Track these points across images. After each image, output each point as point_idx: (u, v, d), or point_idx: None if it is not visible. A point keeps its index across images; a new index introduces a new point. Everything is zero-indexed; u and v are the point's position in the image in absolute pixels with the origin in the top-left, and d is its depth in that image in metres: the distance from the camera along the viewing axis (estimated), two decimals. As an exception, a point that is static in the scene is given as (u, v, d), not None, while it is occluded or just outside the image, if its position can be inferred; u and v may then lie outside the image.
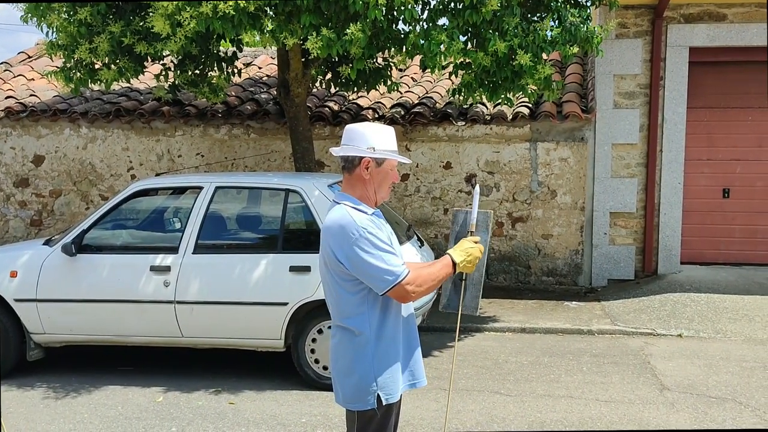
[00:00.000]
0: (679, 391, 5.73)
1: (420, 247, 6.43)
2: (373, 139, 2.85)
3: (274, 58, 11.27)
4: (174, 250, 5.93)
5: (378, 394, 2.84)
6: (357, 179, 2.89)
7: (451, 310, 3.22)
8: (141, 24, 6.61)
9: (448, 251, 3.03)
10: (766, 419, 5.15)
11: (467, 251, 2.97)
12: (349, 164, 2.88)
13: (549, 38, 6.72)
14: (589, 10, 7.29)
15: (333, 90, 9.28)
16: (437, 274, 2.89)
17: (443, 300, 3.24)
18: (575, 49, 6.88)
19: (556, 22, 6.94)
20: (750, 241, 9.28)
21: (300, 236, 6.10)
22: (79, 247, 6.00)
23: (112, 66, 7.12)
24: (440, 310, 3.29)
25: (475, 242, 3.02)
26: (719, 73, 9.14)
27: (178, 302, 5.79)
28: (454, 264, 2.96)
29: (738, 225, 9.29)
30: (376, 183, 2.90)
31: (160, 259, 5.90)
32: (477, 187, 3.35)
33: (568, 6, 7.11)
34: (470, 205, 3.19)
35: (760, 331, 7.34)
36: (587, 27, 6.89)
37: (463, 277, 3.16)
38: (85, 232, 6.05)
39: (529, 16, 7.11)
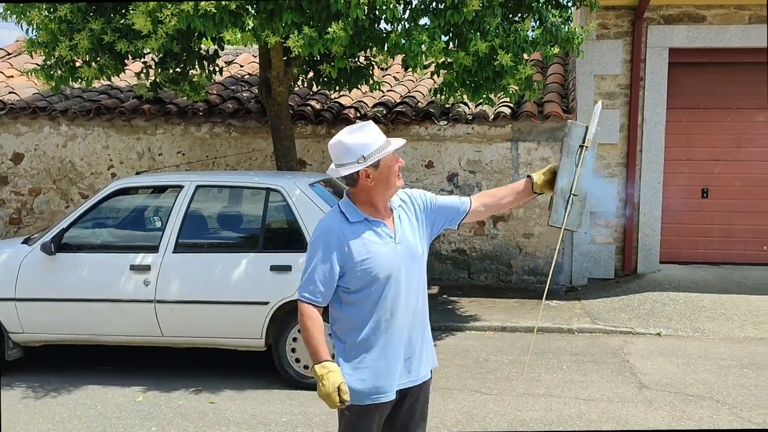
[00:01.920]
0: (657, 389, 5.78)
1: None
2: (361, 148, 2.82)
3: (255, 56, 11.23)
4: (154, 249, 5.90)
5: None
6: (362, 189, 2.90)
7: (557, 225, 3.19)
8: (122, 21, 6.58)
9: (532, 174, 3.14)
10: (742, 417, 5.21)
11: (322, 390, 2.83)
12: (351, 180, 2.88)
13: (530, 39, 6.75)
14: (570, 11, 7.33)
15: (315, 89, 9.28)
16: (311, 333, 2.84)
17: (552, 215, 3.19)
18: (556, 50, 6.93)
19: (537, 22, 6.98)
20: (728, 241, 9.38)
21: (281, 235, 6.09)
22: (59, 245, 5.96)
23: (93, 64, 7.08)
24: (548, 224, 3.25)
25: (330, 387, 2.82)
26: (698, 74, 9.23)
27: (158, 301, 5.77)
28: (533, 184, 3.11)
29: (716, 224, 9.38)
30: (382, 184, 2.89)
31: (140, 258, 5.88)
32: (600, 103, 3.37)
33: (549, 7, 7.14)
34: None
35: (738, 330, 7.42)
36: (568, 28, 6.93)
37: (574, 192, 3.14)
38: (64, 230, 6.01)
39: (510, 16, 7.14)
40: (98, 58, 6.97)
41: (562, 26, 6.93)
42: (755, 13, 8.79)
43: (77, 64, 7.21)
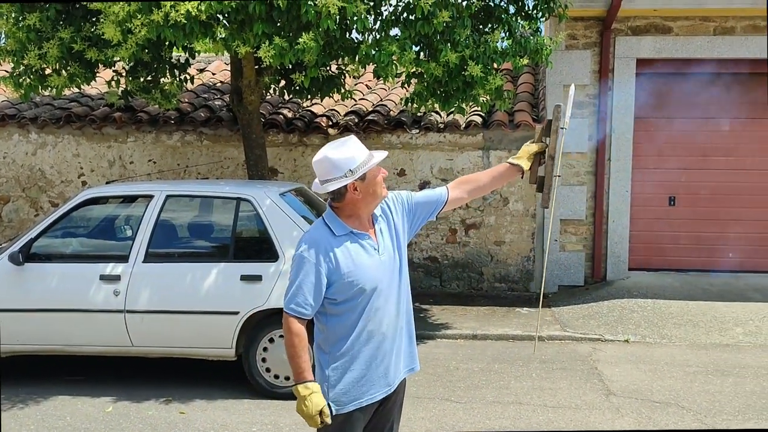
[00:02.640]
0: (624, 396, 5.86)
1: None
2: (347, 162, 2.86)
3: (228, 64, 11.21)
4: (124, 258, 5.88)
5: (329, 403, 2.91)
6: (348, 202, 2.94)
7: (549, 206, 3.30)
8: (92, 30, 6.55)
9: (517, 161, 3.22)
10: (706, 423, 5.30)
11: (303, 410, 2.87)
12: (338, 195, 2.92)
13: (500, 50, 6.84)
14: (539, 23, 7.43)
15: (287, 97, 9.30)
16: (297, 351, 2.86)
17: (549, 197, 3.28)
18: (525, 61, 7.03)
19: (507, 33, 7.07)
20: (695, 248, 9.52)
21: (251, 245, 6.11)
22: (27, 256, 5.91)
23: (62, 72, 7.05)
24: (544, 207, 3.37)
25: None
26: (666, 84, 9.37)
27: (128, 311, 5.75)
28: (523, 172, 3.22)
29: (683, 232, 9.52)
30: (369, 196, 2.94)
31: (110, 268, 5.85)
32: (573, 86, 3.50)
33: (518, 18, 7.24)
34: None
35: (703, 336, 7.55)
36: (537, 39, 7.03)
37: (558, 173, 3.23)
38: (33, 240, 5.97)
39: (480, 27, 7.21)
40: (68, 67, 6.94)
41: (531, 37, 7.03)
42: (720, 24, 8.97)
43: (47, 72, 7.17)
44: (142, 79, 7.84)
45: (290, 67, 7.81)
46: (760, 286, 8.90)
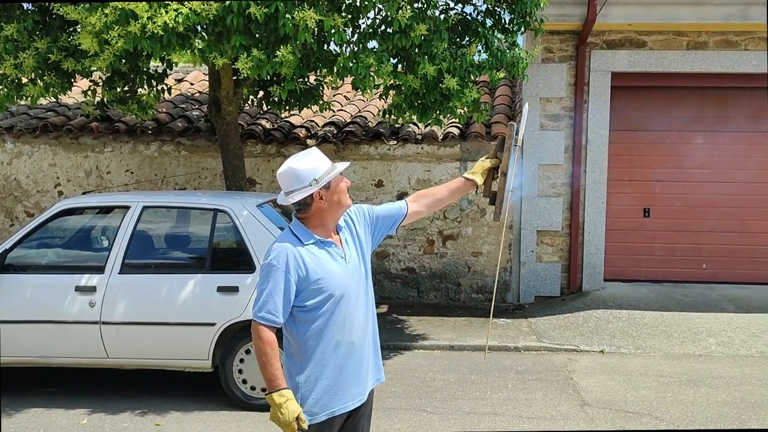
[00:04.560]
0: (599, 407, 5.92)
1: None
2: (311, 172, 2.93)
3: (206, 74, 11.21)
4: (100, 269, 5.86)
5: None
6: (315, 212, 3.00)
7: (501, 220, 3.40)
8: (68, 41, 6.53)
9: (472, 177, 3.33)
10: (679, 433, 5.37)
11: (280, 418, 2.88)
12: (304, 205, 2.98)
13: (476, 63, 6.90)
14: (515, 36, 7.51)
15: (265, 108, 9.31)
16: (270, 359, 2.87)
17: (501, 212, 3.37)
18: (502, 74, 7.10)
19: (484, 47, 7.13)
20: (669, 259, 9.63)
21: (228, 256, 6.10)
22: (2, 266, 5.88)
23: (39, 82, 7.01)
24: (496, 221, 3.43)
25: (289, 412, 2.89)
26: (640, 97, 9.50)
27: (104, 323, 5.72)
28: (477, 187, 3.34)
29: (658, 243, 9.64)
30: (334, 204, 3.01)
31: (85, 279, 5.83)
32: (527, 105, 3.65)
33: (495, 32, 7.31)
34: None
35: (677, 347, 7.63)
36: (513, 52, 7.10)
37: (511, 188, 3.33)
38: (7, 251, 5.94)
39: (457, 40, 7.27)
40: (44, 77, 6.91)
41: (508, 51, 7.10)
42: (693, 39, 9.10)
43: (23, 82, 7.13)
44: (119, 90, 7.81)
45: (268, 78, 7.83)
46: (733, 297, 9.02)
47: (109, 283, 5.79)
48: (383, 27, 6.67)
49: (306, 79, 8.02)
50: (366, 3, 6.10)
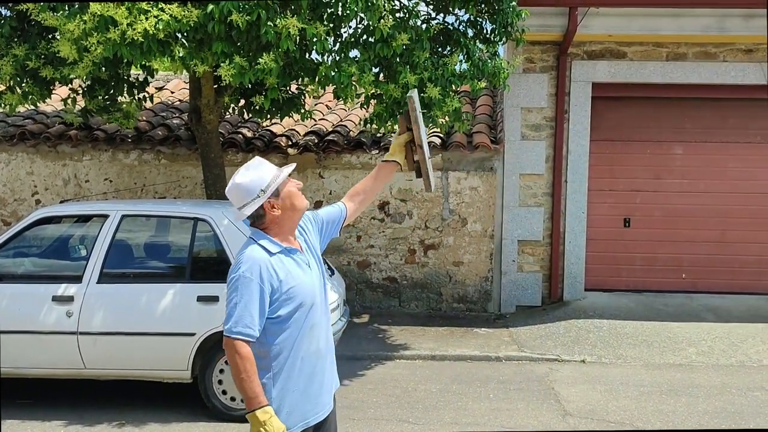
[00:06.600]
0: (580, 417, 5.91)
1: (330, 275, 6.46)
2: (256, 183, 2.89)
3: (187, 83, 11.16)
4: (78, 279, 5.79)
5: None
6: (271, 221, 2.95)
7: (433, 190, 3.41)
8: (47, 48, 6.47)
9: (393, 158, 3.30)
10: (660, 443, 5.37)
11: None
12: (258, 217, 2.94)
13: (458, 72, 6.91)
14: (497, 46, 7.53)
15: (246, 117, 9.27)
16: (250, 376, 2.80)
17: (431, 182, 3.35)
18: (483, 84, 7.12)
19: (465, 57, 7.15)
20: (649, 269, 9.67)
21: (209, 266, 6.05)
22: (-23, 276, 5.80)
23: (17, 89, 6.94)
24: (429, 191, 3.41)
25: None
26: (620, 107, 9.56)
27: (81, 333, 5.64)
28: (401, 166, 3.31)
29: (638, 253, 9.68)
30: (288, 210, 2.96)
31: (62, 289, 5.75)
32: (415, 91, 3.49)
33: (476, 42, 7.33)
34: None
35: (658, 357, 7.65)
36: (494, 62, 7.12)
37: (428, 156, 3.31)
38: (-17, 260, 5.85)
39: (439, 50, 7.29)
40: (22, 84, 6.83)
41: (489, 61, 7.12)
42: (672, 50, 9.18)
43: (1, 90, 7.05)
44: (100, 98, 7.75)
45: (250, 86, 7.79)
46: (712, 307, 9.07)
47: (87, 293, 5.72)
48: (365, 36, 6.66)
49: (288, 88, 8.00)
50: (348, 12, 6.09)
